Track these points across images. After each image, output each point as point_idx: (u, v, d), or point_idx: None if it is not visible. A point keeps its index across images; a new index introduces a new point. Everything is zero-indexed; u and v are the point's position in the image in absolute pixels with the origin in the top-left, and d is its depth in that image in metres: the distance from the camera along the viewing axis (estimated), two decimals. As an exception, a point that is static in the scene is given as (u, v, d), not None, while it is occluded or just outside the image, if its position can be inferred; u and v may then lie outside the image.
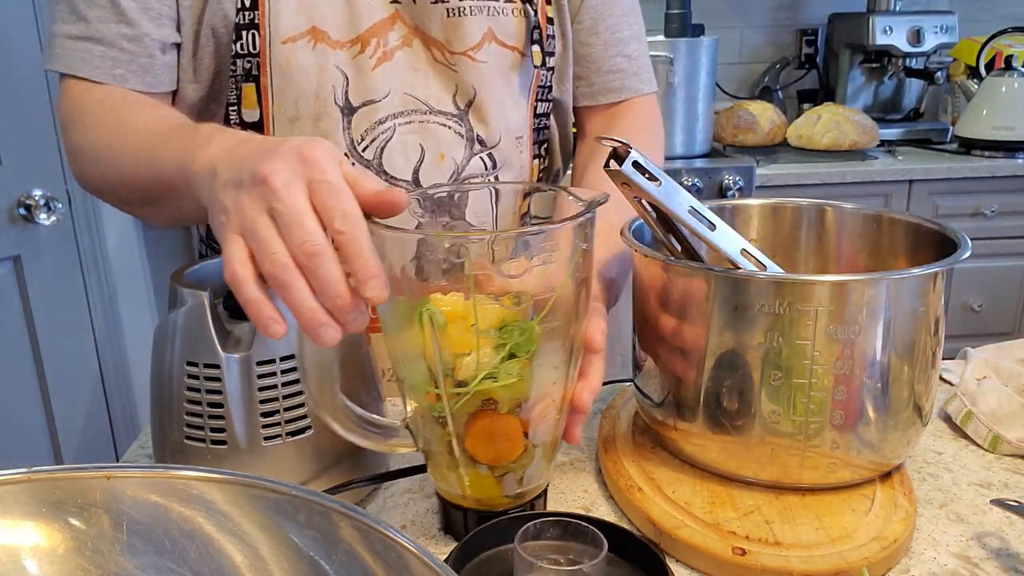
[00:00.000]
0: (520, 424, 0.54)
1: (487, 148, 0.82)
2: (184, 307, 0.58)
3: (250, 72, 0.75)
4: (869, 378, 0.56)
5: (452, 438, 0.54)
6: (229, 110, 0.77)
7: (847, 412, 0.57)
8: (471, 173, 0.82)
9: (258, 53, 0.75)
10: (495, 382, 0.52)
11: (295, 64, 0.75)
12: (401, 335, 0.54)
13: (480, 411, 0.53)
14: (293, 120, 0.76)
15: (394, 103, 0.78)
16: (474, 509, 0.58)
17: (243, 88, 0.76)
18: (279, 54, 0.74)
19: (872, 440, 0.58)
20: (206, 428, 0.58)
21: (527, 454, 0.56)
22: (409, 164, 0.79)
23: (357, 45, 0.76)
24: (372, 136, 0.78)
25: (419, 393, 0.54)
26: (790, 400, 0.56)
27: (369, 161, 0.78)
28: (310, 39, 0.75)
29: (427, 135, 0.79)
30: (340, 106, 0.76)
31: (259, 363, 0.57)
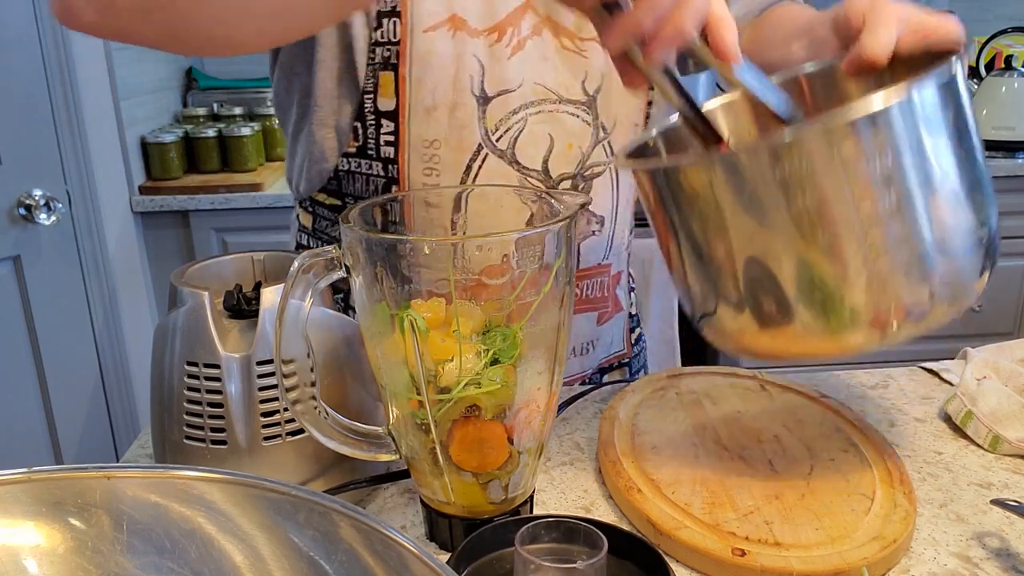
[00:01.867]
0: (504, 430, 0.54)
1: (609, 135, 0.82)
2: (184, 307, 0.58)
3: (388, 60, 0.75)
4: (899, 213, 0.51)
5: (436, 445, 0.54)
6: (364, 98, 0.77)
7: (908, 251, 0.52)
8: (595, 161, 0.82)
9: (399, 41, 0.74)
10: (478, 388, 0.51)
11: (435, 53, 0.74)
12: (383, 341, 0.53)
13: (464, 418, 0.53)
14: (430, 110, 0.76)
15: (526, 93, 0.77)
16: (459, 516, 0.57)
17: (380, 76, 0.76)
18: (420, 43, 0.74)
19: (945, 271, 0.53)
20: (206, 428, 0.58)
21: (512, 461, 0.55)
22: (539, 154, 0.79)
23: (494, 34, 0.76)
24: (506, 126, 0.78)
25: (402, 400, 0.54)
26: (831, 255, 0.51)
27: (503, 151, 0.78)
28: (450, 27, 0.75)
29: (556, 125, 0.79)
30: (476, 95, 0.76)
31: (259, 363, 0.57)
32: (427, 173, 0.78)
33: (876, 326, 0.54)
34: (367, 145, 0.79)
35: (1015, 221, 2.13)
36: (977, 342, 0.87)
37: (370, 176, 0.80)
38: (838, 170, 0.50)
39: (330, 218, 0.87)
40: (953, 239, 0.55)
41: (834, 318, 0.54)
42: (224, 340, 0.57)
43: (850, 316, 0.54)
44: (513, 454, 0.55)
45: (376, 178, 0.80)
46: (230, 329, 0.58)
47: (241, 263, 0.67)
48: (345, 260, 0.53)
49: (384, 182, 0.79)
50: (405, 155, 0.77)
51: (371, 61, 0.76)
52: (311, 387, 0.55)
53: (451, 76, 0.75)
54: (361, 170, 0.80)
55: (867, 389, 0.83)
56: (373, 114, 0.77)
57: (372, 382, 0.64)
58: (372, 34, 0.75)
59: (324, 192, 0.86)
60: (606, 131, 0.82)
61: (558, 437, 0.75)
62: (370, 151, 0.79)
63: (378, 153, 0.78)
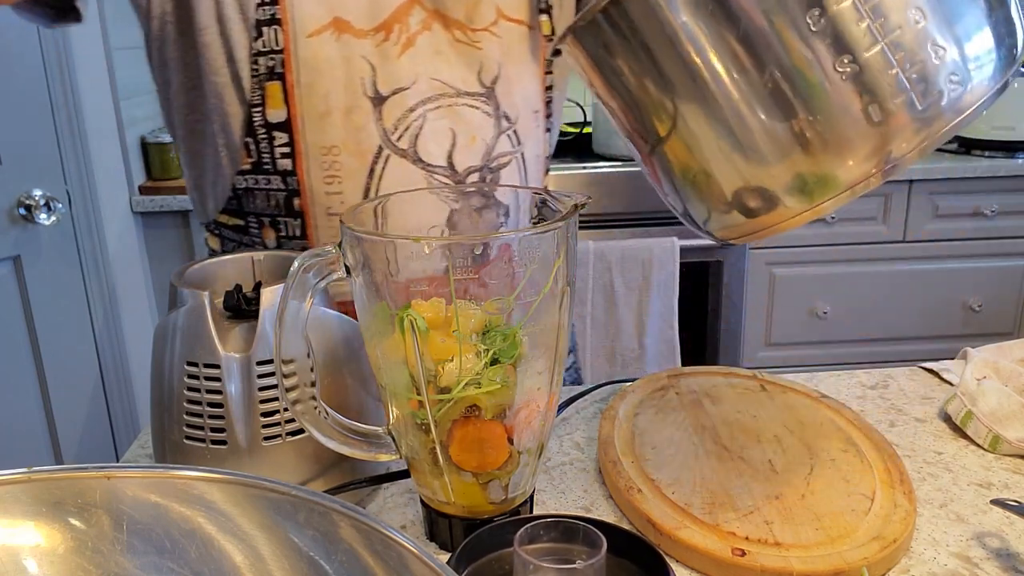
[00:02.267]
0: (504, 431, 0.54)
1: (512, 125, 0.82)
2: (184, 307, 0.58)
3: (274, 70, 0.73)
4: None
5: (436, 445, 0.54)
6: (253, 111, 0.75)
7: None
8: (500, 152, 0.81)
9: (282, 49, 0.73)
10: (478, 388, 0.51)
11: (322, 58, 0.73)
12: (383, 341, 0.53)
13: (464, 418, 0.53)
14: (323, 115, 0.75)
15: (422, 89, 0.77)
16: (459, 516, 0.57)
17: (267, 87, 0.74)
18: (305, 49, 0.73)
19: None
20: (206, 428, 0.58)
21: (512, 461, 0.55)
22: (442, 149, 0.78)
23: (381, 33, 0.75)
24: (405, 125, 0.77)
25: (402, 400, 0.54)
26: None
27: (404, 150, 0.77)
28: (334, 31, 0.73)
29: (457, 118, 0.78)
30: (370, 97, 0.75)
31: (259, 363, 0.57)
32: (328, 181, 0.76)
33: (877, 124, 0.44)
34: (262, 160, 0.77)
35: (1015, 221, 2.13)
36: (977, 342, 0.87)
37: (270, 191, 0.78)
38: None
39: (236, 239, 0.85)
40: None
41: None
42: (224, 340, 0.57)
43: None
44: (513, 454, 0.55)
45: (276, 192, 0.78)
46: (230, 329, 0.58)
47: (241, 263, 0.67)
48: (345, 260, 0.53)
49: (285, 196, 0.78)
50: (304, 165, 0.76)
51: (255, 72, 0.74)
52: (311, 387, 0.55)
53: (341, 80, 0.74)
54: (260, 186, 0.78)
55: (867, 389, 0.83)
56: (264, 127, 0.75)
57: (372, 382, 0.64)
58: (253, 44, 0.73)
59: (226, 213, 0.83)
60: (509, 121, 0.81)
61: (558, 437, 0.75)
62: (266, 165, 0.77)
63: (275, 166, 0.76)
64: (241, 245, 0.85)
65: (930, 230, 2.13)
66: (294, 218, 0.79)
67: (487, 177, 0.81)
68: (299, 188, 0.77)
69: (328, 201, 0.77)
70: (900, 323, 2.19)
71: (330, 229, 0.78)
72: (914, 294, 2.16)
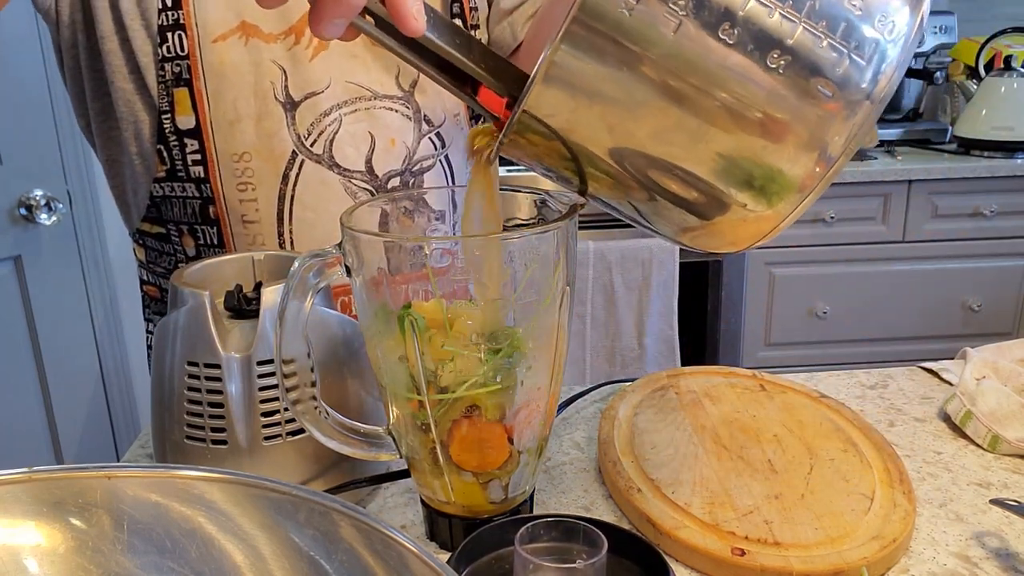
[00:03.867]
0: (504, 430, 0.54)
1: (435, 127, 0.80)
2: (184, 307, 0.58)
3: (180, 76, 0.72)
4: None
5: (436, 445, 0.54)
6: (162, 118, 0.74)
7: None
8: (422, 155, 0.80)
9: (187, 55, 0.71)
10: (479, 388, 0.52)
11: (229, 63, 0.72)
12: (383, 341, 0.54)
13: (464, 418, 0.53)
14: (233, 122, 0.73)
15: (337, 93, 0.75)
16: (459, 516, 0.57)
17: (175, 93, 0.72)
18: (211, 54, 0.71)
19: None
20: (206, 428, 0.58)
21: (512, 460, 0.55)
22: (360, 154, 0.77)
23: (291, 36, 0.73)
24: (319, 129, 0.75)
25: (402, 400, 0.54)
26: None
27: (319, 155, 0.75)
28: (241, 35, 0.72)
29: (375, 122, 0.77)
30: (282, 102, 0.73)
31: (259, 363, 0.57)
32: (241, 188, 0.75)
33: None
34: (176, 167, 0.75)
35: (1015, 221, 2.13)
36: (977, 342, 0.87)
37: (186, 199, 0.77)
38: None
39: (158, 248, 0.83)
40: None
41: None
42: (224, 340, 0.57)
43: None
44: (513, 454, 0.55)
45: (192, 200, 0.77)
46: (230, 329, 0.58)
47: (241, 263, 0.67)
48: (345, 260, 0.53)
49: (200, 203, 0.76)
50: (216, 172, 0.74)
51: (161, 79, 0.72)
52: (311, 387, 0.55)
53: (251, 85, 0.72)
54: (175, 194, 0.77)
55: (867, 389, 0.83)
56: (174, 134, 0.74)
57: (372, 382, 0.64)
58: (158, 49, 0.71)
59: (147, 221, 0.82)
60: (431, 123, 0.79)
61: (558, 437, 0.75)
62: (179, 173, 0.75)
63: (188, 174, 0.75)
64: (163, 255, 0.83)
65: (929, 230, 2.13)
66: (210, 226, 0.77)
67: (410, 181, 0.79)
68: (213, 196, 0.75)
69: (242, 208, 0.75)
70: (899, 323, 2.19)
71: (245, 237, 0.76)
72: (913, 294, 2.17)
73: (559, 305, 0.54)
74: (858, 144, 0.47)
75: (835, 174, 0.48)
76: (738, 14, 0.41)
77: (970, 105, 2.23)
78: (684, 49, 0.41)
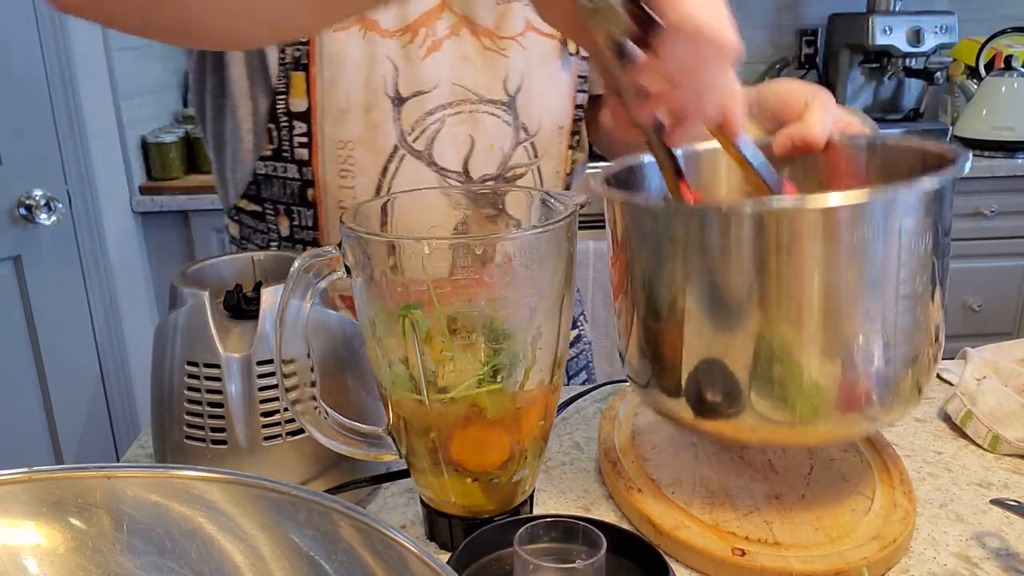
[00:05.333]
0: (505, 431, 0.54)
1: (531, 137, 0.81)
2: (184, 307, 0.58)
3: (299, 61, 0.74)
4: (872, 305, 0.51)
5: (436, 446, 0.54)
6: (277, 99, 0.76)
7: (845, 348, 0.52)
8: (516, 163, 0.81)
9: (307, 42, 0.73)
10: (478, 388, 0.51)
11: (346, 54, 0.74)
12: (383, 342, 0.54)
13: (464, 418, 0.53)
14: (344, 111, 0.75)
15: (443, 93, 0.77)
16: (459, 516, 0.57)
17: (292, 76, 0.75)
18: (330, 43, 0.73)
19: (878, 372, 0.53)
20: (206, 428, 0.58)
21: (512, 461, 0.55)
22: (459, 155, 0.78)
23: (407, 34, 0.76)
24: (422, 127, 0.77)
25: (401, 400, 0.54)
26: (781, 342, 0.52)
27: (420, 152, 0.77)
28: (360, 28, 0.74)
29: (476, 125, 0.78)
30: (391, 96, 0.75)
31: (259, 363, 0.57)
32: (342, 175, 0.77)
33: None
34: (282, 147, 0.78)
35: (1015, 221, 2.13)
36: (977, 342, 0.87)
37: (286, 180, 0.79)
38: (823, 246, 0.50)
39: (252, 226, 0.85)
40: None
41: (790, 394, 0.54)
42: (224, 340, 0.57)
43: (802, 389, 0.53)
44: (513, 454, 0.55)
45: (292, 182, 0.79)
46: (230, 329, 0.58)
47: (241, 263, 0.67)
48: (345, 260, 0.53)
49: (299, 185, 0.78)
50: (319, 157, 0.76)
51: (282, 61, 0.74)
52: (311, 387, 0.55)
53: (364, 77, 0.74)
54: (277, 174, 0.79)
55: (867, 389, 0.83)
56: (286, 115, 0.76)
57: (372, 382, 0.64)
58: None
59: (245, 198, 0.84)
60: (527, 132, 0.81)
61: (558, 437, 0.75)
62: (285, 154, 0.78)
63: (292, 156, 0.77)
64: (257, 232, 0.85)
65: (930, 230, 2.13)
66: (307, 208, 0.80)
67: (499, 190, 0.81)
68: (313, 179, 0.78)
69: (340, 194, 0.77)
70: (900, 323, 2.18)
71: (337, 222, 0.78)
72: (914, 294, 2.16)
73: (560, 306, 0.54)
74: None
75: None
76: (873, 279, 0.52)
77: (970, 105, 2.23)
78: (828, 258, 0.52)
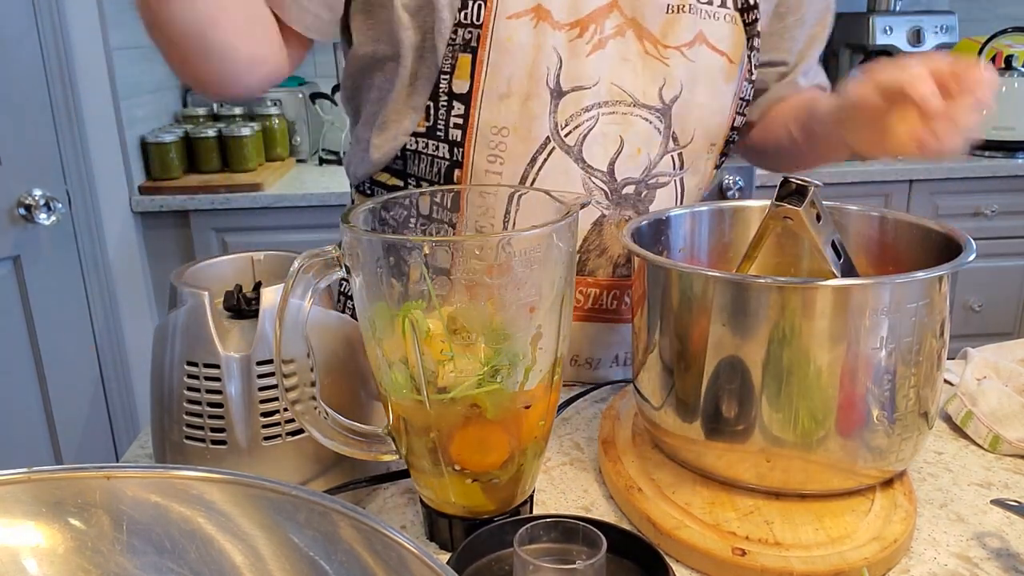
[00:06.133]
0: (504, 431, 0.54)
1: (680, 147, 0.82)
2: (184, 307, 0.58)
3: (469, 43, 0.75)
4: (874, 384, 0.56)
5: (435, 446, 0.54)
6: (440, 78, 0.77)
7: (851, 419, 0.56)
8: (661, 171, 0.82)
9: (481, 24, 0.75)
10: (479, 388, 0.51)
11: (515, 40, 0.75)
12: (383, 342, 0.53)
13: (464, 418, 0.53)
14: (503, 97, 0.76)
15: (601, 92, 0.78)
16: (459, 516, 0.57)
17: (459, 58, 0.76)
18: (502, 29, 0.75)
19: (878, 446, 0.58)
20: (206, 428, 0.58)
21: (512, 461, 0.55)
22: (607, 155, 0.79)
23: (576, 29, 0.76)
24: (576, 123, 0.77)
25: (401, 400, 0.54)
26: (792, 407, 0.56)
27: (570, 147, 0.78)
28: (533, 17, 0.75)
29: (628, 128, 0.79)
30: (551, 88, 0.76)
31: (259, 363, 0.57)
32: (491, 160, 0.78)
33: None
34: (436, 126, 0.79)
35: (1015, 221, 2.13)
36: (977, 342, 0.87)
37: (435, 158, 0.80)
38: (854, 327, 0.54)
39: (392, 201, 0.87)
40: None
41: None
42: (224, 340, 0.57)
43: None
44: (513, 454, 0.55)
45: (440, 160, 0.80)
46: (230, 329, 0.58)
47: (241, 263, 0.67)
48: (345, 260, 0.53)
49: (448, 165, 0.79)
50: (472, 139, 0.78)
51: (452, 42, 0.76)
52: (311, 387, 0.55)
53: (528, 65, 0.75)
54: (428, 151, 0.80)
55: (867, 389, 0.83)
56: (447, 95, 0.77)
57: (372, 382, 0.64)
58: (457, 15, 0.75)
59: (387, 172, 0.85)
60: (677, 142, 0.81)
61: (558, 437, 0.75)
62: (439, 132, 0.79)
63: (446, 135, 0.78)
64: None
65: (930, 230, 2.13)
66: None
67: (643, 192, 0.81)
68: (462, 161, 0.78)
69: (486, 179, 0.78)
70: (900, 323, 2.18)
71: (479, 208, 0.77)
72: (914, 294, 2.16)
73: (559, 305, 0.54)
74: None
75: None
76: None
77: (970, 105, 2.23)
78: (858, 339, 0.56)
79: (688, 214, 0.75)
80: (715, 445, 0.60)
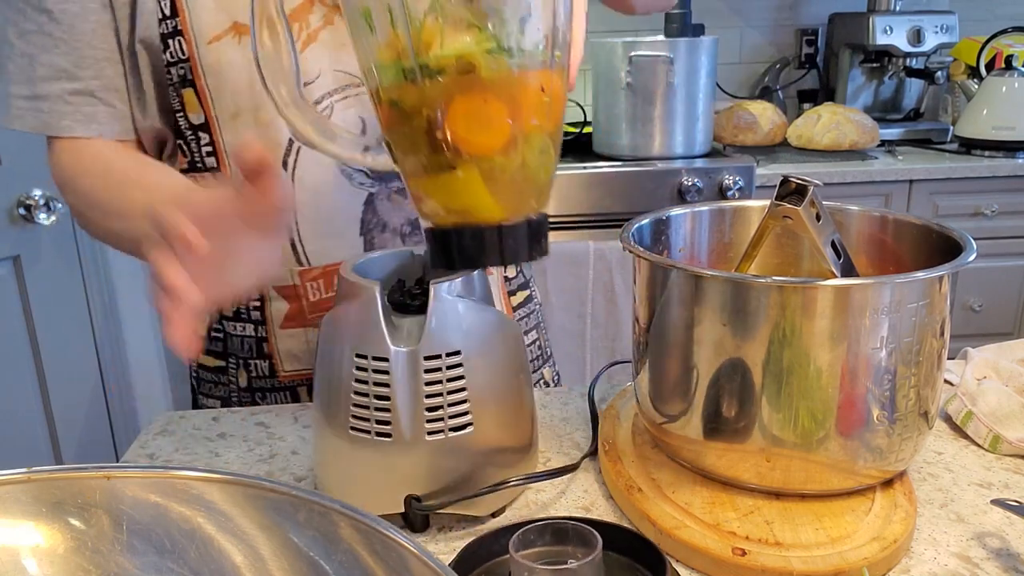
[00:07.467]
0: (503, 103, 0.50)
1: None
2: (356, 299, 0.59)
3: (185, 77, 0.77)
4: (874, 384, 0.56)
5: (430, 127, 0.50)
6: (177, 117, 0.79)
7: (851, 419, 0.57)
8: None
9: (188, 58, 0.76)
10: (472, 48, 0.48)
11: (224, 62, 0.76)
12: (375, 53, 0.51)
13: (458, 86, 0.49)
14: (235, 115, 0.77)
15: (327, 82, 0.79)
16: (464, 226, 0.52)
17: (183, 94, 0.78)
18: (207, 55, 0.76)
19: (878, 446, 0.58)
20: (372, 420, 0.58)
21: (515, 147, 0.51)
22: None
23: None
24: None
25: (392, 86, 0.51)
26: (792, 407, 0.56)
27: None
28: (234, 35, 0.76)
29: (365, 106, 0.80)
30: None
31: (426, 358, 0.58)
32: None
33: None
34: (195, 159, 0.81)
35: (1015, 221, 2.13)
36: (977, 342, 0.87)
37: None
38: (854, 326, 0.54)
39: None
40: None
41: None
42: (393, 334, 0.58)
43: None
44: (515, 136, 0.51)
45: None
46: (398, 323, 0.59)
47: (403, 257, 0.68)
48: None
49: None
50: (226, 163, 0.79)
51: (171, 81, 0.77)
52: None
53: (246, 80, 0.76)
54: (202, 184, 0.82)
55: (867, 389, 0.83)
56: (189, 129, 0.79)
57: None
58: (163, 56, 0.76)
59: None
60: None
61: (558, 437, 0.75)
62: (198, 164, 0.81)
63: (204, 165, 0.80)
64: None
65: (930, 230, 2.13)
66: None
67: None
68: None
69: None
70: (900, 323, 2.18)
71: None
72: (914, 294, 2.16)
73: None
74: None
75: None
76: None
77: (971, 105, 2.23)
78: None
79: (688, 214, 0.75)
80: (715, 445, 0.60)
